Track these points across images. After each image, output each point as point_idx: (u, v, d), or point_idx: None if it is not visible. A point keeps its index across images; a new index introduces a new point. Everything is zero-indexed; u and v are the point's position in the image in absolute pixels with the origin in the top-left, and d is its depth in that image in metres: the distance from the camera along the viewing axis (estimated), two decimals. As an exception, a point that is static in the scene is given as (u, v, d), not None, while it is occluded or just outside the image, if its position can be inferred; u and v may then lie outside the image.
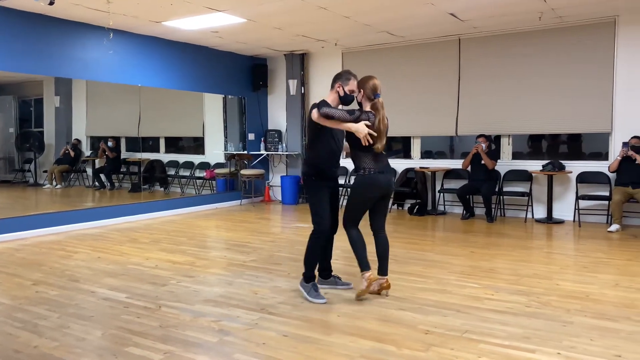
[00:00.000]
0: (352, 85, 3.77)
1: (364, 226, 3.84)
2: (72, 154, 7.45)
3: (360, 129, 3.55)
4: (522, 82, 7.50)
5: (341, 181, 7.88)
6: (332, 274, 4.13)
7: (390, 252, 3.86)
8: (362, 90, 3.71)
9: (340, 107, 3.84)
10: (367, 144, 3.57)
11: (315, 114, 3.63)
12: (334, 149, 3.85)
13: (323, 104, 3.67)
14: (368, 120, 3.59)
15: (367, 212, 3.85)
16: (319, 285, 3.95)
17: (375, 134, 3.60)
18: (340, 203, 4.19)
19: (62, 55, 6.72)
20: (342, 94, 3.79)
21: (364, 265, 3.73)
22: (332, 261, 4.14)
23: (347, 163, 8.56)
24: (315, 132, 3.77)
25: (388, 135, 3.79)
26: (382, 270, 3.82)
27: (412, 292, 3.94)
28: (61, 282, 4.33)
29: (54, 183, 7.37)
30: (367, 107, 3.69)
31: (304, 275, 3.90)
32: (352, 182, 3.74)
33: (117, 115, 8.00)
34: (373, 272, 3.76)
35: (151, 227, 7.07)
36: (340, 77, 3.80)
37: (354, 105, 3.81)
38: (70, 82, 7.14)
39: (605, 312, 3.48)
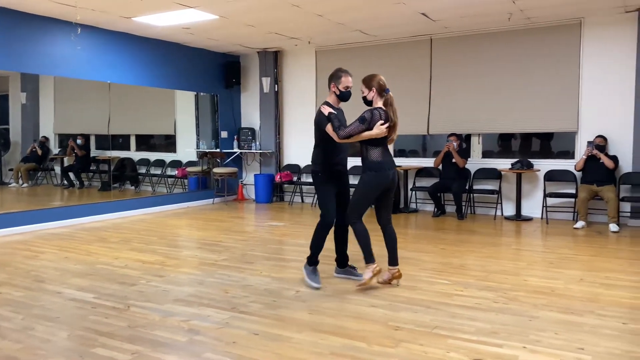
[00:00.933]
0: (345, 82, 3.94)
1: (370, 222, 4.02)
2: (39, 152, 7.27)
3: (379, 132, 3.73)
4: (492, 82, 7.63)
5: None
6: (348, 264, 4.29)
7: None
8: (373, 88, 3.83)
9: (340, 104, 4.06)
10: (387, 134, 3.78)
11: (336, 138, 3.81)
12: (340, 147, 4.00)
13: (332, 118, 3.81)
14: (380, 118, 3.73)
15: (373, 208, 4.07)
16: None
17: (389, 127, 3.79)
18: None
19: (29, 50, 6.55)
20: (338, 93, 3.97)
21: (369, 258, 3.87)
22: (302, 259, 4.16)
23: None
24: (322, 131, 3.92)
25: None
26: (393, 260, 4.02)
27: (383, 289, 3.97)
28: (26, 283, 4.23)
29: (20, 182, 7.18)
30: (378, 103, 3.82)
31: (308, 258, 4.13)
32: (360, 177, 3.96)
33: (86, 112, 7.84)
34: (379, 265, 3.91)
35: (121, 226, 6.96)
36: (332, 78, 3.98)
37: (353, 103, 3.97)
38: (37, 78, 6.97)
39: (570, 307, 3.56)
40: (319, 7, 6.31)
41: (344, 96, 3.99)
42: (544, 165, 7.34)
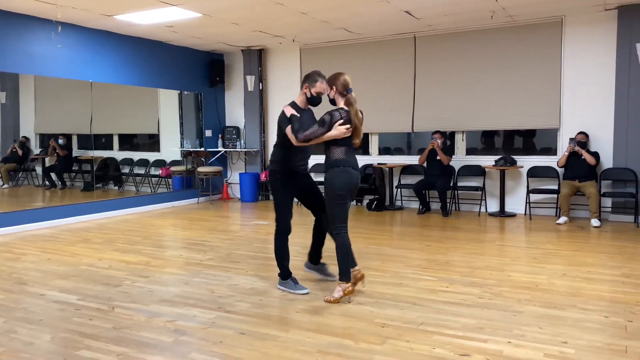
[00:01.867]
0: (319, 87, 3.79)
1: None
2: (19, 152, 7.15)
3: (338, 134, 3.55)
4: (475, 79, 7.69)
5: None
6: (321, 261, 4.18)
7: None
8: (334, 87, 3.67)
9: (308, 107, 3.91)
10: (350, 134, 3.58)
11: (295, 141, 3.64)
12: (303, 147, 3.81)
13: (293, 120, 3.62)
14: (341, 118, 3.58)
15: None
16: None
17: (351, 128, 3.59)
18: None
19: (8, 49, 6.44)
20: (309, 95, 3.82)
21: (345, 275, 3.62)
22: (291, 257, 4.09)
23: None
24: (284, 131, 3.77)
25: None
26: (352, 262, 3.79)
27: (369, 286, 3.98)
28: (7, 286, 4.16)
29: (1, 182, 7.06)
30: (340, 104, 3.67)
31: (280, 275, 3.96)
32: (324, 179, 3.70)
33: (67, 111, 7.73)
34: (352, 287, 3.66)
35: (105, 226, 6.88)
36: (307, 79, 3.82)
37: (326, 105, 3.85)
38: (16, 77, 6.85)
39: (554, 301, 3.61)
40: (303, 5, 6.30)
41: (314, 101, 3.85)
42: (527, 162, 7.42)
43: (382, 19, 7.09)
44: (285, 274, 3.94)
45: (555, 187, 7.12)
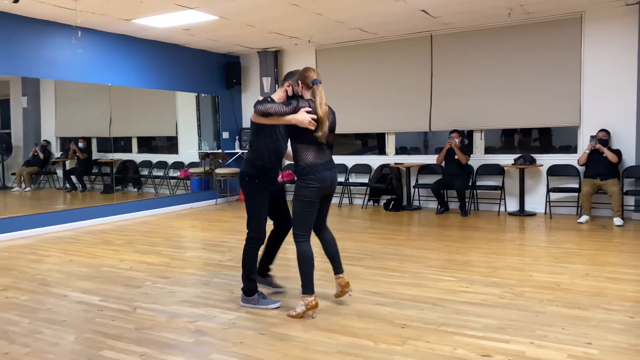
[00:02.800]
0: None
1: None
2: (41, 155, 7.27)
3: (301, 118, 3.28)
4: (493, 77, 7.62)
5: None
6: (269, 273, 3.93)
7: (366, 247, 3.81)
8: (299, 82, 3.45)
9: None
10: (313, 128, 3.31)
11: (253, 116, 3.36)
12: (278, 148, 3.58)
13: (264, 101, 3.35)
14: (309, 106, 3.33)
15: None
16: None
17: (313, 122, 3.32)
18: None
19: (29, 54, 6.56)
20: (290, 93, 3.58)
21: (307, 288, 3.35)
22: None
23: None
24: (259, 129, 3.53)
25: (364, 132, 3.61)
26: (337, 268, 3.57)
27: (388, 287, 3.97)
28: (32, 287, 4.24)
29: (23, 186, 7.19)
30: (307, 96, 3.47)
31: (244, 290, 3.60)
32: (295, 186, 3.44)
33: (87, 115, 7.84)
34: (317, 299, 3.39)
35: (125, 228, 6.96)
36: (291, 76, 3.59)
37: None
38: (37, 82, 6.97)
39: (576, 301, 3.56)
40: (318, 5, 6.30)
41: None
42: (546, 160, 7.33)
43: (398, 18, 7.06)
44: (251, 289, 3.58)
45: (576, 186, 7.02)
